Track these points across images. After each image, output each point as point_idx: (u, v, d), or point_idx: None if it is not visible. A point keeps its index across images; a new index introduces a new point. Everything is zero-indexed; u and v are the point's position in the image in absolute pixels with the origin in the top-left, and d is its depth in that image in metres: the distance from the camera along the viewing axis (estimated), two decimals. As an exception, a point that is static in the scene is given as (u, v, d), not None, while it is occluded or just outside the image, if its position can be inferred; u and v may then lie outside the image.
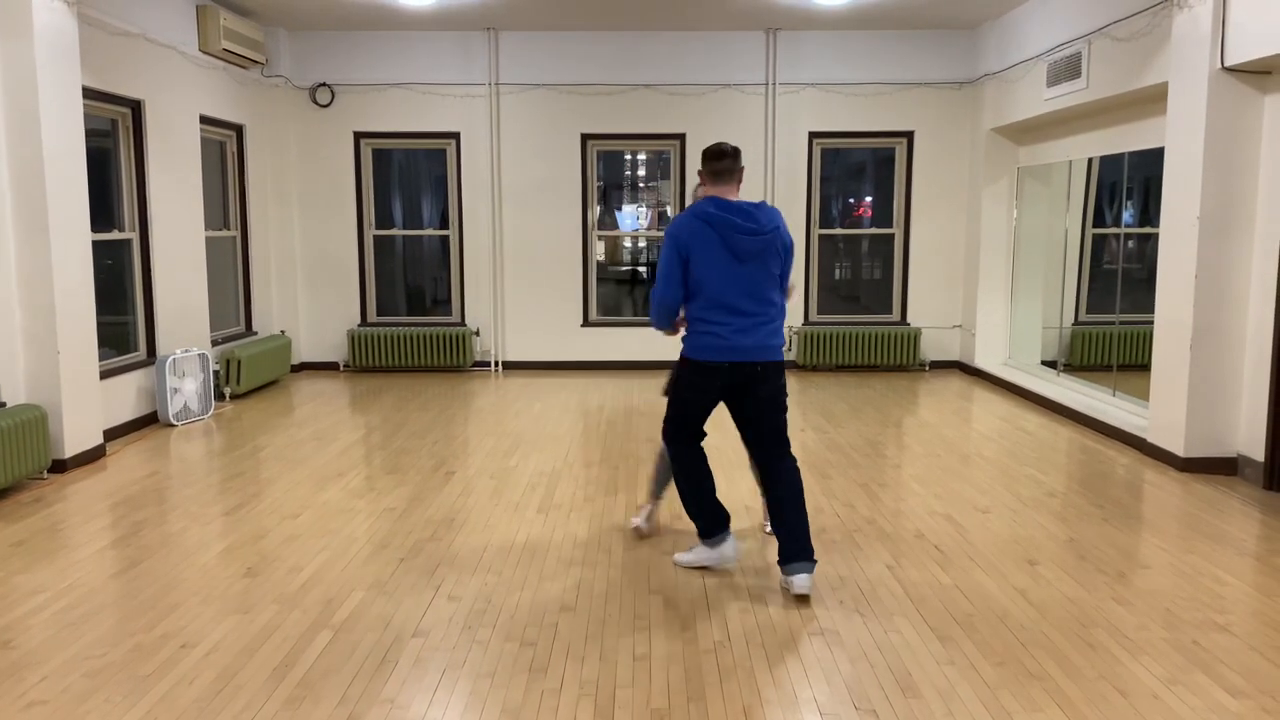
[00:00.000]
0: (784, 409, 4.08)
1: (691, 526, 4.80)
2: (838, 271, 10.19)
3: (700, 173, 4.08)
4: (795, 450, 6.45)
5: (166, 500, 5.36)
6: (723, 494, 5.42)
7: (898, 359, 9.82)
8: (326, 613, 3.80)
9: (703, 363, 3.99)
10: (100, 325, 6.63)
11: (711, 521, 4.19)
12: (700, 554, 4.26)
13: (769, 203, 9.74)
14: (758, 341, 3.96)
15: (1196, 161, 5.77)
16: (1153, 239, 6.56)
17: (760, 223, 3.93)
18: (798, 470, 4.08)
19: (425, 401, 8.30)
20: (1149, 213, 7.58)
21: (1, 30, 5.65)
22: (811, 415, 7.64)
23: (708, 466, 4.21)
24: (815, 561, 3.99)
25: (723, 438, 6.70)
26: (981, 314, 9.47)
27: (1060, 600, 3.91)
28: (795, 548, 3.95)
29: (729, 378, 3.98)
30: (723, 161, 4.01)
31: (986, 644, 3.51)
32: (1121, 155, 7.58)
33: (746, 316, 3.95)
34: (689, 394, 4.09)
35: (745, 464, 6.07)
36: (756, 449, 4.11)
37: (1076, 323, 8.64)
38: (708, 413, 4.13)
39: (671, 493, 5.39)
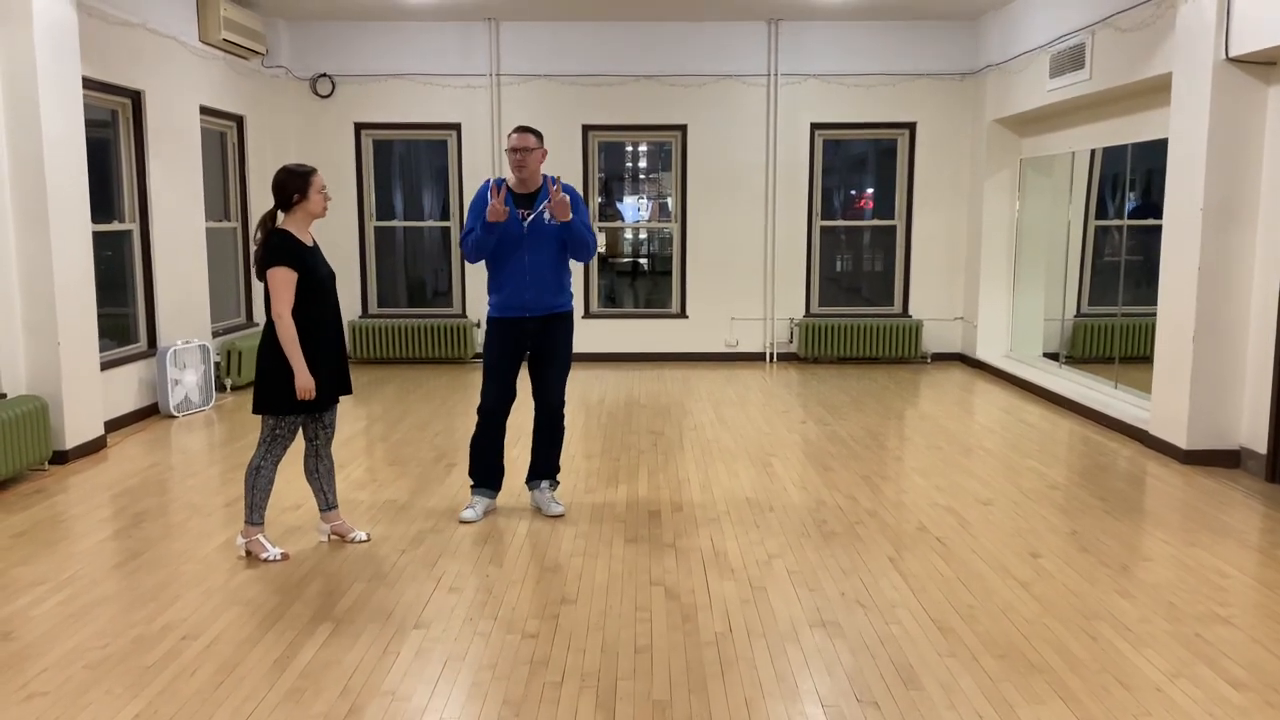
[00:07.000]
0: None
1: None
2: (839, 263, 10.17)
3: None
4: (798, 443, 6.45)
5: (168, 492, 5.35)
6: (724, 487, 5.42)
7: (899, 351, 9.80)
8: (328, 604, 3.80)
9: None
10: (101, 316, 6.61)
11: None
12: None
13: (766, 196, 9.73)
14: None
15: (1200, 153, 5.75)
16: (1155, 231, 6.54)
17: None
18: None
19: (426, 393, 8.30)
20: (1151, 204, 7.56)
21: (1, 20, 5.63)
22: (813, 407, 7.64)
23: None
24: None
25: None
26: (983, 306, 9.45)
27: (1062, 592, 3.91)
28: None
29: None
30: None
31: (988, 636, 3.51)
32: (1124, 147, 7.56)
33: None
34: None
35: (746, 454, 6.07)
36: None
37: (1078, 315, 8.62)
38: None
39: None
